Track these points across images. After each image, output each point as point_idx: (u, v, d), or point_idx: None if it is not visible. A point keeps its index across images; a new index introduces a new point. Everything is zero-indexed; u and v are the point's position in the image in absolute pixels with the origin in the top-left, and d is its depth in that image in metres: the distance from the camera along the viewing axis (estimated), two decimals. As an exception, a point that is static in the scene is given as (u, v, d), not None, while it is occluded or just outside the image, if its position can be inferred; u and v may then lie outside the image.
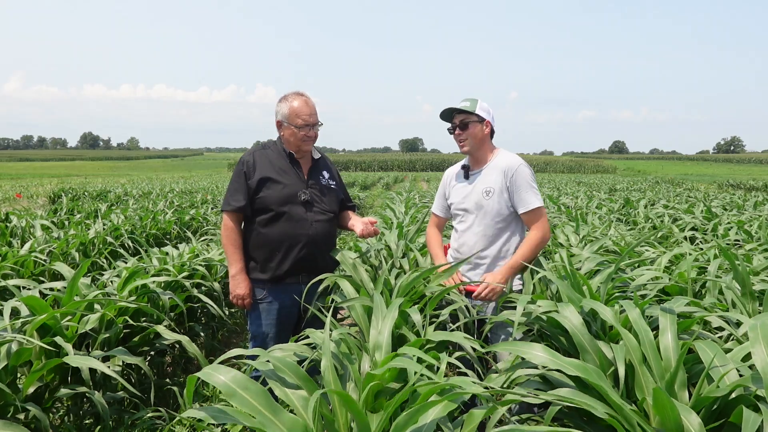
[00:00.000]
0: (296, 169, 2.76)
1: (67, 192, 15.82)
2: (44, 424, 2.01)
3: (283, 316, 2.74)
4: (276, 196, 2.66)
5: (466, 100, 2.66)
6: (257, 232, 2.71)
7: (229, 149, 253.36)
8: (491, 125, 2.68)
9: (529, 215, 2.57)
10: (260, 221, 2.69)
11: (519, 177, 2.57)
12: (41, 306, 2.29)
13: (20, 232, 5.41)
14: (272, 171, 2.70)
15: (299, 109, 2.67)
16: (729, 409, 1.45)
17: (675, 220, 6.65)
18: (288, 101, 2.70)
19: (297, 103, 2.68)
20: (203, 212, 8.45)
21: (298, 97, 2.70)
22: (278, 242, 2.67)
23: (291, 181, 2.71)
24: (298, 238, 2.67)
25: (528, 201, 2.56)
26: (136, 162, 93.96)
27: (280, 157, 2.76)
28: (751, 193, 16.61)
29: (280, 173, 2.71)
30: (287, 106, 2.69)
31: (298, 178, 2.74)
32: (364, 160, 66.14)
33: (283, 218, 2.67)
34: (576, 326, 1.79)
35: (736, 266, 2.31)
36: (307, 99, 2.71)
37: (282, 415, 1.40)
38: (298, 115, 2.66)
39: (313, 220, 2.70)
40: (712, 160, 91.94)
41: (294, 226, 2.67)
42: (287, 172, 2.73)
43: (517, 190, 2.57)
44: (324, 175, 2.86)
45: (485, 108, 2.65)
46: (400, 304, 1.97)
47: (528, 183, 2.57)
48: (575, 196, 12.49)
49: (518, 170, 2.58)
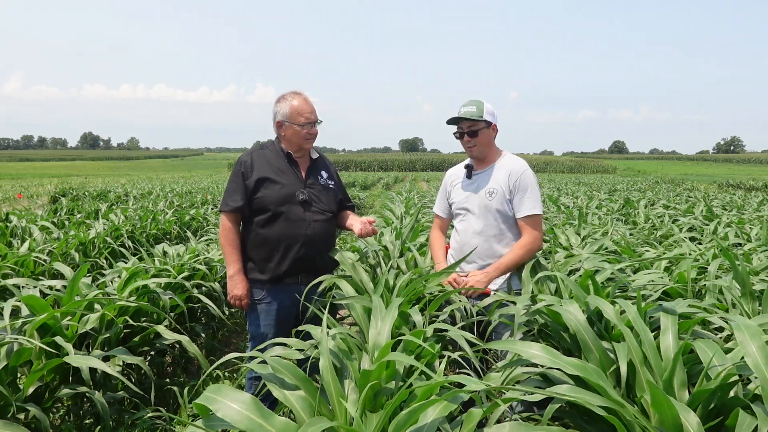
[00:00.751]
0: (294, 169, 2.75)
1: (67, 192, 15.83)
2: (44, 424, 2.01)
3: (283, 317, 2.74)
4: (274, 196, 2.66)
5: (472, 103, 2.63)
6: (255, 233, 2.71)
7: (229, 149, 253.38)
8: (496, 127, 2.68)
9: (526, 220, 2.56)
10: (258, 221, 2.69)
11: (523, 181, 2.58)
12: (41, 306, 2.29)
13: (20, 232, 5.41)
14: (270, 171, 2.70)
15: (301, 108, 2.68)
16: (727, 408, 1.45)
17: (675, 220, 6.65)
18: (288, 100, 2.70)
19: (297, 102, 2.69)
20: (203, 212, 8.46)
21: (297, 95, 2.71)
22: (276, 242, 2.67)
23: (289, 181, 2.71)
24: (296, 238, 2.66)
25: (528, 206, 2.56)
26: (136, 162, 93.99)
27: (278, 157, 2.76)
28: (751, 193, 16.61)
29: (278, 173, 2.71)
30: (288, 106, 2.69)
31: (296, 177, 2.74)
32: (364, 160, 66.14)
33: (281, 218, 2.66)
34: (580, 323, 1.77)
35: (736, 266, 2.32)
36: (305, 97, 2.73)
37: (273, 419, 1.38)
38: (300, 114, 2.67)
39: (311, 220, 2.70)
40: (712, 160, 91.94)
41: (292, 226, 2.66)
42: (285, 172, 2.73)
43: (519, 193, 2.57)
44: (322, 174, 2.86)
45: (490, 111, 2.64)
46: (399, 304, 1.97)
47: (531, 188, 2.58)
48: (575, 197, 12.50)
49: (524, 174, 2.59)
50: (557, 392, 1.41)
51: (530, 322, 2.11)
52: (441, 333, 2.04)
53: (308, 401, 1.54)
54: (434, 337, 2.02)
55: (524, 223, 2.58)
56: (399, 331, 2.04)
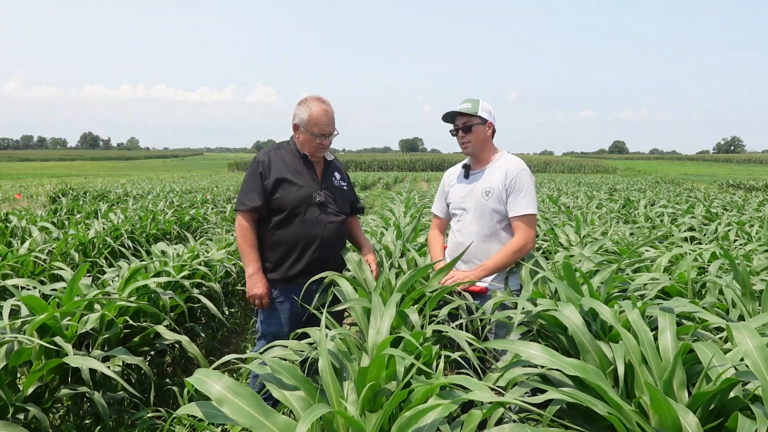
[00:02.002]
0: (310, 171, 2.75)
1: (67, 192, 15.82)
2: (44, 425, 2.01)
3: (294, 316, 2.74)
4: (292, 197, 2.66)
5: (468, 101, 2.65)
6: (271, 233, 2.70)
7: (229, 149, 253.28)
8: (493, 126, 2.68)
9: (519, 220, 2.55)
10: (275, 222, 2.69)
11: (519, 181, 2.58)
12: (41, 306, 2.29)
13: (20, 232, 5.41)
14: (287, 172, 2.69)
15: (318, 119, 2.64)
16: (726, 409, 1.45)
17: (674, 220, 6.65)
18: (308, 107, 2.66)
19: (317, 112, 2.64)
20: (203, 212, 8.46)
21: (320, 104, 2.66)
22: (293, 243, 2.67)
23: (306, 182, 2.71)
24: (312, 240, 2.67)
25: (521, 205, 2.55)
26: (136, 162, 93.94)
27: (294, 158, 2.75)
28: (751, 194, 16.60)
29: (295, 174, 2.70)
30: (307, 112, 2.65)
31: (312, 179, 2.74)
32: (364, 160, 66.14)
33: (297, 219, 2.67)
34: (576, 325, 1.78)
35: (736, 266, 2.32)
36: (327, 108, 2.67)
37: (275, 417, 1.39)
38: (316, 124, 2.65)
39: (327, 222, 2.71)
40: (712, 160, 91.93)
41: (309, 227, 2.67)
42: (302, 173, 2.72)
43: (514, 192, 2.57)
44: (336, 176, 2.87)
45: (487, 108, 2.65)
46: (397, 302, 1.97)
47: (527, 188, 2.57)
48: (575, 196, 12.50)
49: (520, 174, 2.59)
50: (557, 395, 1.41)
51: (530, 322, 2.11)
52: (441, 333, 2.04)
53: (308, 401, 1.54)
54: (434, 337, 2.02)
55: (518, 222, 2.57)
56: (398, 331, 2.04)
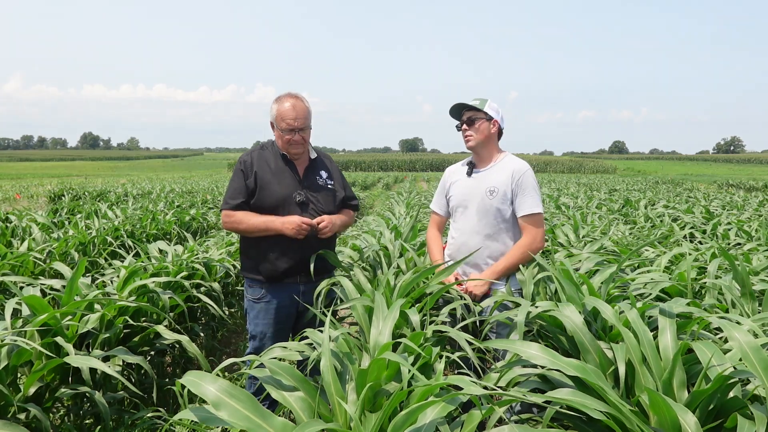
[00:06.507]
0: (291, 170, 2.74)
1: (67, 192, 15.82)
2: (44, 424, 2.01)
3: (282, 316, 2.74)
4: (271, 198, 2.66)
5: (476, 99, 2.68)
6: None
7: (229, 149, 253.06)
8: (499, 125, 2.70)
9: (527, 219, 2.58)
10: None
11: (525, 181, 2.60)
12: (42, 306, 2.29)
13: (20, 232, 5.41)
14: (268, 172, 2.70)
15: (284, 113, 2.62)
16: (726, 409, 1.45)
17: (675, 220, 6.65)
18: (278, 102, 2.66)
19: (284, 106, 2.63)
20: (203, 212, 8.45)
21: (289, 99, 2.65)
22: (273, 243, 2.66)
23: (286, 182, 2.70)
24: (292, 241, 2.64)
25: (529, 204, 2.57)
26: (136, 162, 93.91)
27: (275, 157, 2.75)
28: (751, 194, 16.60)
29: (275, 174, 2.70)
30: (276, 108, 2.66)
31: (293, 179, 2.73)
32: (364, 160, 66.12)
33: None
34: (577, 325, 1.78)
35: (736, 266, 2.32)
36: (296, 102, 2.64)
37: (272, 419, 1.39)
38: (282, 119, 2.63)
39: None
40: (712, 160, 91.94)
41: None
42: (282, 172, 2.72)
43: (521, 192, 2.59)
44: (321, 175, 2.83)
45: (494, 108, 2.67)
46: (401, 305, 1.97)
47: (533, 188, 2.60)
48: (575, 196, 12.50)
49: (526, 174, 2.61)
50: (556, 397, 1.41)
51: (530, 322, 2.11)
52: (441, 333, 2.04)
53: (308, 402, 1.54)
54: (434, 337, 2.02)
55: (525, 222, 2.59)
56: (399, 331, 2.04)
